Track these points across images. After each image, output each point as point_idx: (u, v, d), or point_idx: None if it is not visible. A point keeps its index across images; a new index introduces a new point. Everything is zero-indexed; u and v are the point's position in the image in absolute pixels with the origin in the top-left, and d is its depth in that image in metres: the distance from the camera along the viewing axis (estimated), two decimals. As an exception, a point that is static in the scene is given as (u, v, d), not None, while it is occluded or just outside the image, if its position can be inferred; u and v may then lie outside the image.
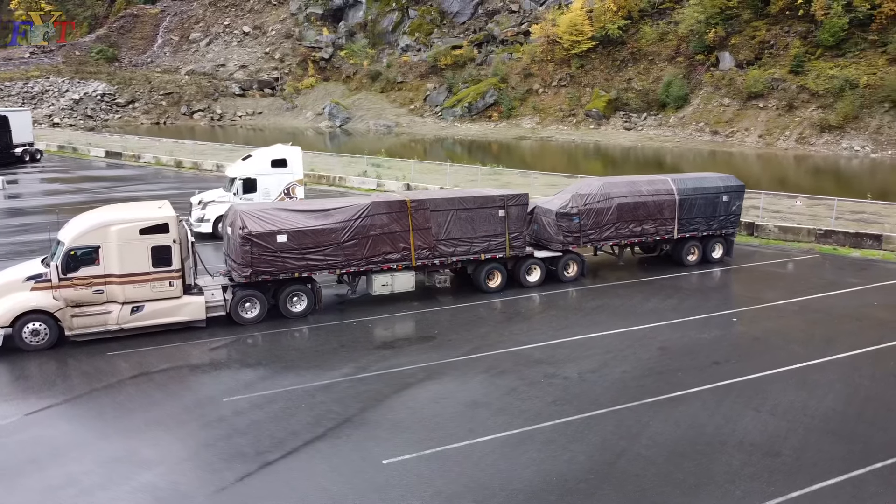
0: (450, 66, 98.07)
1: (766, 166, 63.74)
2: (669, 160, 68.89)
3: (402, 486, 11.70)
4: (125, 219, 17.77)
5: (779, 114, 70.51)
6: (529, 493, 11.50)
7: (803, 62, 71.32)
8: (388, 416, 14.15)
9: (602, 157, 71.95)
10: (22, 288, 17.21)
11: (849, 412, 14.53)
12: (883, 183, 52.73)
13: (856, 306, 21.38)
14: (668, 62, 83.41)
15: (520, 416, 14.15)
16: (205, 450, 12.84)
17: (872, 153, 62.53)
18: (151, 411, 14.26)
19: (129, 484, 11.68)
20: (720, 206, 25.64)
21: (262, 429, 13.57)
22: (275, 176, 29.63)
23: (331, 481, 11.83)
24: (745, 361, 17.05)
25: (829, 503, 11.35)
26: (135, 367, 16.48)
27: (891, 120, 63.82)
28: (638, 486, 11.79)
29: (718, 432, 13.60)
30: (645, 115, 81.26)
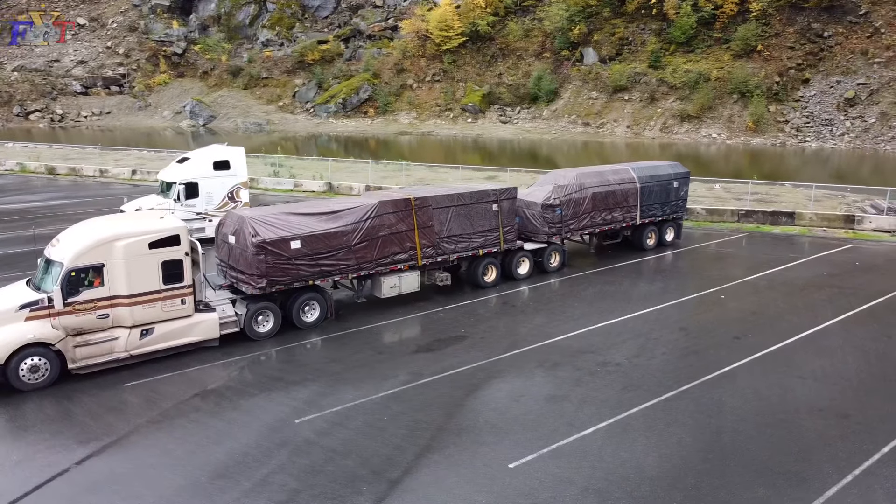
0: (318, 62, 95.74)
1: (634, 154, 68.39)
2: (545, 151, 72.00)
3: (545, 487, 11.51)
4: (132, 232, 15.79)
5: (643, 105, 75.91)
6: (670, 478, 11.75)
7: (660, 58, 77.18)
8: (479, 420, 13.80)
9: (481, 150, 73.67)
10: (15, 318, 14.78)
11: (874, 372, 16.16)
12: (736, 166, 58.52)
13: (810, 277, 23.72)
14: (535, 58, 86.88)
15: (603, 406, 14.36)
16: (315, 477, 11.83)
17: (728, 140, 69.13)
18: (224, 443, 12.88)
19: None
20: (672, 192, 27.34)
21: (360, 447, 12.74)
22: (218, 179, 27.61)
23: (472, 491, 11.39)
24: (758, 335, 18.39)
25: (920, 453, 12.64)
26: (167, 397, 14.76)
27: (740, 109, 70.86)
28: (755, 457, 12.43)
29: (784, 401, 14.62)
30: (519, 108, 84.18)
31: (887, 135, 63.54)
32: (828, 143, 65.44)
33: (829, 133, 66.37)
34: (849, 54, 70.02)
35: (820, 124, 67.38)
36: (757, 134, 68.66)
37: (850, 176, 51.21)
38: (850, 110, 66.99)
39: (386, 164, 50.05)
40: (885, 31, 69.20)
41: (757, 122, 68.82)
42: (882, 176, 52.54)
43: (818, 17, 72.57)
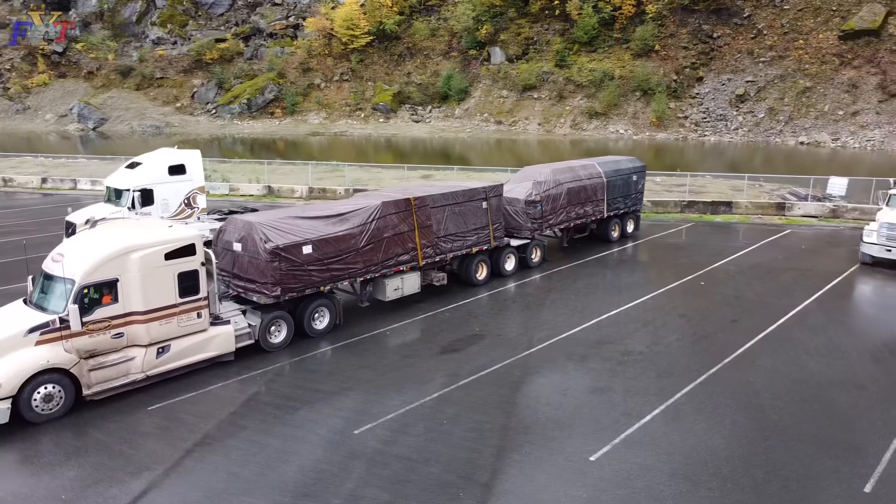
0: (217, 61, 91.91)
1: (546, 151, 70.45)
2: (459, 150, 72.75)
3: (634, 476, 11.73)
4: (146, 242, 14.59)
5: (552, 103, 78.21)
6: (743, 457, 12.27)
7: (565, 57, 79.81)
8: (539, 417, 13.83)
9: (394, 150, 73.38)
10: (24, 343, 13.30)
11: (867, 345, 17.55)
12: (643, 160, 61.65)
13: (769, 261, 25.38)
14: (443, 57, 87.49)
15: (648, 395, 14.76)
16: (405, 487, 11.45)
17: (634, 135, 72.51)
18: (291, 461, 12.21)
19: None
20: (632, 186, 28.44)
21: (435, 453, 12.46)
22: (173, 184, 26.00)
23: (568, 487, 11.42)
24: (751, 317, 19.51)
25: (943, 415, 13.88)
26: (203, 417, 13.79)
27: (643, 106, 74.49)
28: (805, 431, 13.20)
29: (805, 377, 15.60)
30: (430, 107, 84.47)
31: (776, 128, 68.87)
32: (724, 136, 70.11)
33: (724, 127, 71.10)
34: (736, 54, 75.24)
35: (716, 119, 72.04)
36: (660, 129, 72.47)
37: (744, 166, 54.94)
38: (742, 106, 72.06)
39: (317, 165, 48.87)
40: (766, 33, 74.91)
41: (659, 118, 72.64)
42: (772, 165, 56.86)
43: (707, 18, 77.48)
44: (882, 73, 66.88)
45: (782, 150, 65.05)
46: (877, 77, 67.00)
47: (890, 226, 23.72)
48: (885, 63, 67.15)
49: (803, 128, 67.48)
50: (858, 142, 63.50)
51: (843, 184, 36.86)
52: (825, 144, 64.63)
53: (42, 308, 13.95)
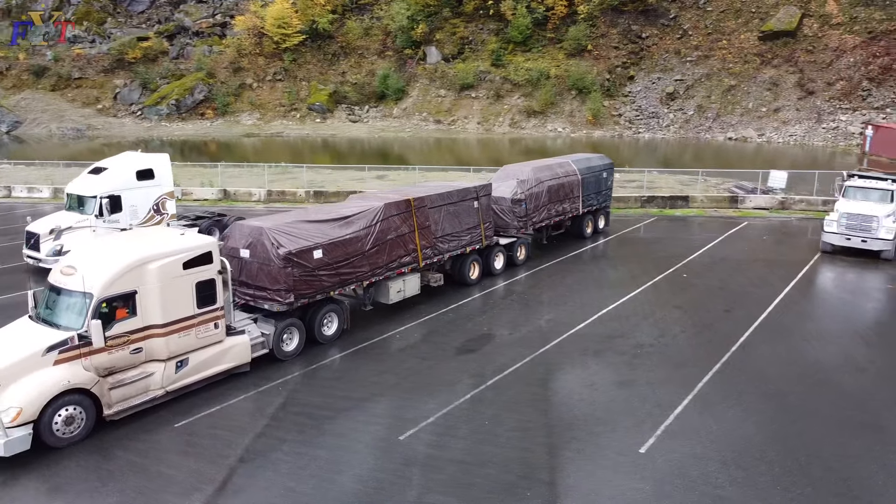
0: (140, 60, 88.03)
1: (486, 150, 71.09)
2: (398, 149, 72.50)
3: (688, 465, 12.05)
4: (164, 251, 13.87)
5: (490, 102, 78.97)
6: (781, 441, 12.83)
7: (501, 56, 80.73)
8: (577, 412, 14.01)
9: (331, 150, 72.31)
10: (42, 363, 12.41)
11: (855, 329, 18.63)
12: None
13: (738, 252, 26.51)
14: (378, 56, 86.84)
15: (672, 385, 15.19)
16: (469, 490, 11.38)
17: (572, 133, 74.12)
18: (345, 471, 11.91)
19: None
20: (602, 183, 29.11)
21: (487, 454, 12.44)
22: (142, 190, 24.84)
23: (629, 479, 11.63)
24: (742, 307, 20.34)
25: (944, 390, 14.90)
26: (237, 431, 13.26)
27: (579, 105, 76.25)
28: (831, 413, 13.92)
29: (810, 362, 16.43)
30: (367, 107, 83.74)
31: (705, 125, 71.88)
32: (658, 133, 72.61)
33: (657, 124, 73.64)
34: (664, 53, 78.06)
35: (648, 117, 74.53)
36: (597, 127, 74.35)
37: (676, 162, 57.04)
38: (672, 104, 74.83)
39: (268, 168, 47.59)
40: (692, 33, 78.06)
41: (595, 116, 74.52)
42: (702, 161, 59.01)
43: (636, 19, 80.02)
44: (799, 72, 70.87)
45: (712, 145, 67.91)
46: (795, 76, 70.95)
47: (849, 216, 25.20)
48: (802, 62, 71.18)
49: (730, 124, 70.71)
50: (782, 137, 67.10)
51: (783, 177, 38.85)
52: (752, 140, 67.95)
53: (54, 324, 13.06)
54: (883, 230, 24.71)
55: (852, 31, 70.57)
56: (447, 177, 41.78)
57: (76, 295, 13.04)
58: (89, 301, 12.87)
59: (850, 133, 64.18)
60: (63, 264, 13.63)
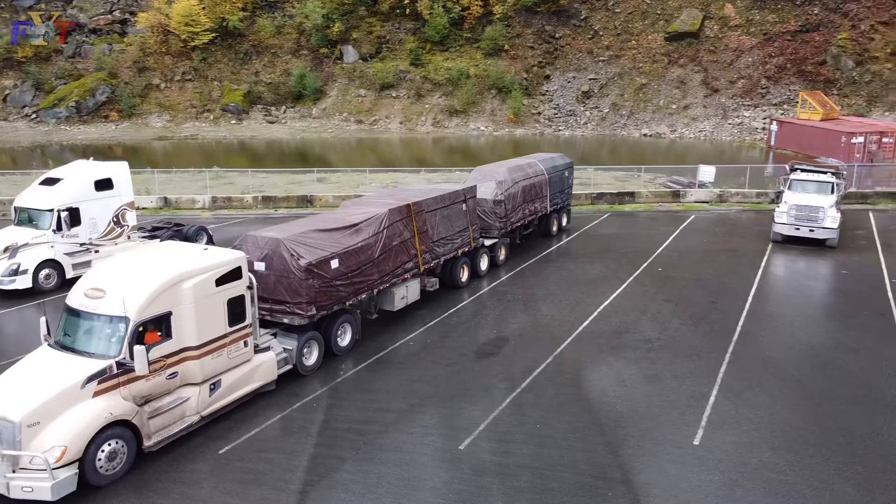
0: (31, 59, 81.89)
1: (409, 149, 71.07)
2: (319, 150, 71.26)
3: (744, 453, 12.63)
4: (196, 268, 13.05)
5: (411, 102, 78.83)
6: (820, 425, 13.66)
7: (419, 56, 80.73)
8: (620, 409, 14.34)
9: (248, 152, 70.00)
10: (81, 396, 11.41)
11: (835, 313, 20.02)
12: (503, 153, 64.26)
13: (699, 244, 27.83)
14: (292, 55, 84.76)
15: (695, 377, 15.83)
16: (549, 496, 11.44)
17: (494, 132, 75.17)
18: (421, 487, 11.68)
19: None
20: (565, 181, 29.80)
21: (552, 457, 12.56)
22: (101, 201, 23.24)
23: (701, 472, 12.07)
24: (724, 298, 21.41)
25: (933, 366, 16.28)
26: (290, 453, 12.73)
27: (500, 104, 77.44)
28: (856, 394, 14.93)
29: (811, 347, 17.56)
30: (284, 107, 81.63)
31: (620, 122, 74.75)
32: (577, 131, 74.84)
33: (575, 122, 75.89)
34: (578, 53, 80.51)
35: (566, 115, 76.67)
36: (518, 125, 75.75)
37: (594, 158, 58.88)
38: (588, 102, 77.32)
39: (198, 173, 45.49)
40: (602, 34, 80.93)
41: (516, 115, 75.90)
42: (618, 157, 61.73)
43: (549, 20, 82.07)
44: (704, 71, 75.00)
45: (628, 141, 70.74)
46: (700, 74, 75.02)
47: (798, 207, 27.00)
48: (706, 62, 75.35)
49: (644, 121, 73.89)
50: (693, 132, 70.80)
51: (711, 171, 41.00)
52: (665, 136, 71.30)
53: (82, 352, 12.03)
54: (828, 220, 26.62)
55: (749, 32, 75.35)
56: (398, 177, 41.56)
57: (108, 319, 12.07)
58: (125, 326, 11.94)
59: (753, 128, 68.58)
60: (86, 286, 12.54)
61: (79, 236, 22.53)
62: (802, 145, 55.21)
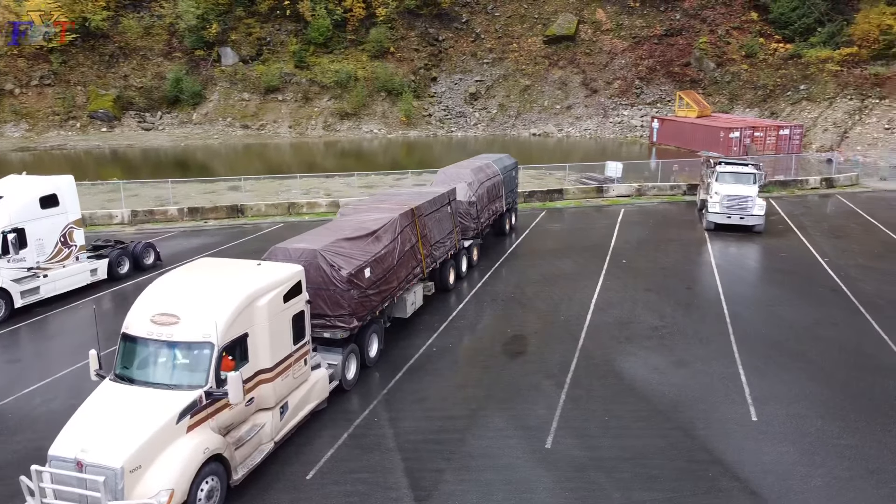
0: None
1: (300, 154, 69.28)
2: (201, 157, 67.88)
3: (799, 425, 13.72)
4: (265, 285, 12.17)
5: (299, 105, 76.78)
6: (863, 397, 15.05)
7: (303, 58, 78.85)
8: (671, 396, 15.04)
9: (122, 162, 65.26)
10: (177, 433, 10.34)
11: (797, 290, 21.99)
12: (396, 155, 64.77)
13: (645, 236, 29.45)
14: (163, 57, 79.85)
15: (719, 360, 16.91)
16: (655, 483, 11.84)
17: (388, 134, 74.94)
18: (540, 489, 11.66)
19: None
20: (513, 181, 30.51)
21: (641, 447, 13.00)
22: (47, 219, 20.96)
23: (778, 443, 12.92)
24: (696, 283, 22.97)
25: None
26: (378, 471, 12.24)
27: (390, 106, 77.28)
28: (854, 361, 16.57)
29: (796, 322, 19.25)
30: (160, 113, 76.73)
31: (509, 122, 77.05)
32: (469, 131, 76.26)
33: (465, 123, 77.29)
34: (462, 56, 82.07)
35: (456, 116, 77.92)
36: (411, 127, 75.97)
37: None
38: (476, 103, 79.03)
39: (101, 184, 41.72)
40: (484, 37, 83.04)
41: (408, 117, 76.09)
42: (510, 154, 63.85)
43: (432, 23, 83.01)
44: (582, 73, 79.01)
45: (518, 141, 73.08)
46: (579, 76, 78.95)
47: (729, 197, 29.33)
48: (583, 64, 79.44)
49: (531, 121, 76.65)
50: (578, 131, 74.39)
51: (618, 167, 43.50)
52: (553, 135, 74.40)
53: (161, 385, 10.91)
54: (756, 207, 29.17)
55: (620, 36, 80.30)
56: (326, 183, 40.53)
57: (188, 347, 11.01)
58: (210, 352, 10.96)
59: (633, 126, 73.18)
60: (150, 312, 11.33)
61: (26, 260, 20.15)
62: (683, 141, 59.81)
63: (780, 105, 65.23)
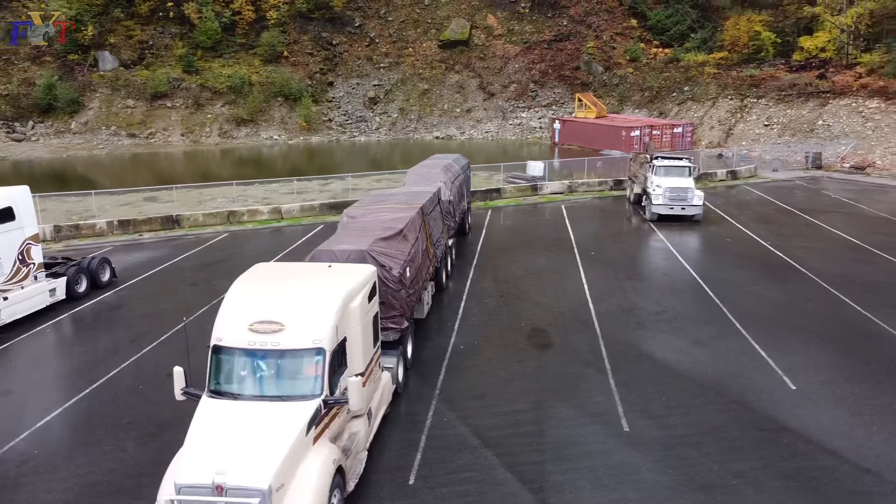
0: None
1: (194, 162, 65.92)
2: (81, 169, 63.06)
3: (841, 390, 14.86)
4: (354, 286, 11.57)
5: (190, 112, 72.94)
6: (874, 361, 16.45)
7: (192, 62, 75.12)
8: (709, 374, 15.79)
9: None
10: (306, 445, 9.63)
11: (761, 272, 23.69)
12: (297, 162, 63.15)
13: (600, 228, 30.63)
14: (31, 62, 73.33)
15: (731, 337, 17.92)
16: (751, 451, 12.46)
17: (289, 140, 72.85)
18: (639, 471, 11.90)
19: None
20: (469, 180, 30.74)
21: (712, 421, 13.58)
22: (3, 236, 18.76)
23: (832, 409, 13.93)
24: (668, 271, 24.17)
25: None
26: (474, 469, 12.01)
27: (289, 111, 75.20)
28: (843, 325, 18.10)
29: (778, 299, 20.70)
30: (31, 122, 70.33)
31: (411, 126, 77.19)
32: (372, 136, 75.64)
33: (367, 127, 76.64)
34: (357, 60, 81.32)
35: (357, 121, 77.05)
36: (312, 133, 74.26)
37: (385, 162, 60.28)
38: (376, 107, 78.54)
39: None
40: (379, 41, 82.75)
41: (308, 122, 74.37)
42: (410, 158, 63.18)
43: (325, 27, 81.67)
44: (478, 77, 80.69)
45: (421, 144, 73.37)
46: (476, 80, 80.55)
47: (671, 189, 31.10)
48: (479, 68, 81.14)
49: (433, 124, 77.28)
50: (480, 133, 75.85)
51: (540, 166, 44.94)
52: (455, 137, 75.39)
53: (272, 397, 10.13)
54: (696, 198, 31.15)
55: (511, 41, 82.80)
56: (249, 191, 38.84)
57: (297, 354, 10.28)
58: (322, 358, 10.30)
59: (532, 127, 75.65)
60: (248, 321, 10.44)
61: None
62: (586, 140, 62.56)
63: (668, 105, 69.84)
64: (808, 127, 54.74)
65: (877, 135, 50.06)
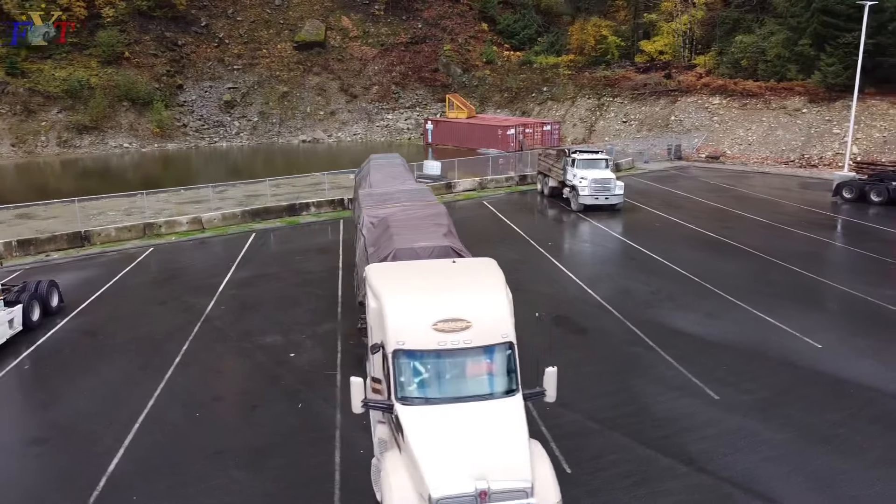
0: None
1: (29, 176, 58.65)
2: None
3: (866, 354, 16.79)
4: (502, 279, 11.19)
5: (20, 120, 64.66)
6: (877, 317, 18.62)
7: (15, 63, 66.82)
8: (741, 340, 17.12)
9: None
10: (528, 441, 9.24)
11: (717, 254, 25.87)
12: (151, 170, 58.61)
13: (534, 221, 31.72)
14: None
15: (737, 312, 19.50)
16: (840, 412, 13.74)
17: (141, 148, 67.03)
18: (758, 434, 12.72)
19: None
20: (409, 179, 30.44)
21: (782, 383, 14.76)
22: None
23: (859, 361, 15.70)
24: (632, 256, 25.66)
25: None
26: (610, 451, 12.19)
27: (137, 116, 69.18)
28: (835, 299, 20.38)
29: (756, 274, 22.74)
30: None
31: (273, 130, 74.10)
32: (233, 142, 71.57)
33: (226, 133, 72.47)
34: (207, 62, 76.68)
35: (215, 126, 72.60)
36: (167, 139, 68.81)
37: (246, 169, 57.62)
38: (233, 111, 74.48)
39: None
40: (229, 42, 78.61)
41: (161, 128, 68.89)
42: (273, 164, 61.83)
43: (168, 26, 76.11)
44: (339, 79, 79.41)
45: (287, 148, 70.99)
46: (336, 82, 79.19)
47: (595, 181, 32.91)
48: (338, 70, 79.87)
49: (297, 128, 74.87)
50: (348, 136, 74.65)
51: (437, 165, 45.47)
52: (323, 140, 73.64)
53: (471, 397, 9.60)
54: (617, 188, 33.24)
55: (368, 43, 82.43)
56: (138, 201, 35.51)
57: (489, 350, 9.82)
58: (512, 352, 9.96)
59: (400, 129, 75.88)
60: (433, 320, 9.74)
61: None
62: (460, 140, 64.07)
63: (529, 105, 73.32)
64: (662, 122, 60.20)
65: (723, 127, 56.26)
